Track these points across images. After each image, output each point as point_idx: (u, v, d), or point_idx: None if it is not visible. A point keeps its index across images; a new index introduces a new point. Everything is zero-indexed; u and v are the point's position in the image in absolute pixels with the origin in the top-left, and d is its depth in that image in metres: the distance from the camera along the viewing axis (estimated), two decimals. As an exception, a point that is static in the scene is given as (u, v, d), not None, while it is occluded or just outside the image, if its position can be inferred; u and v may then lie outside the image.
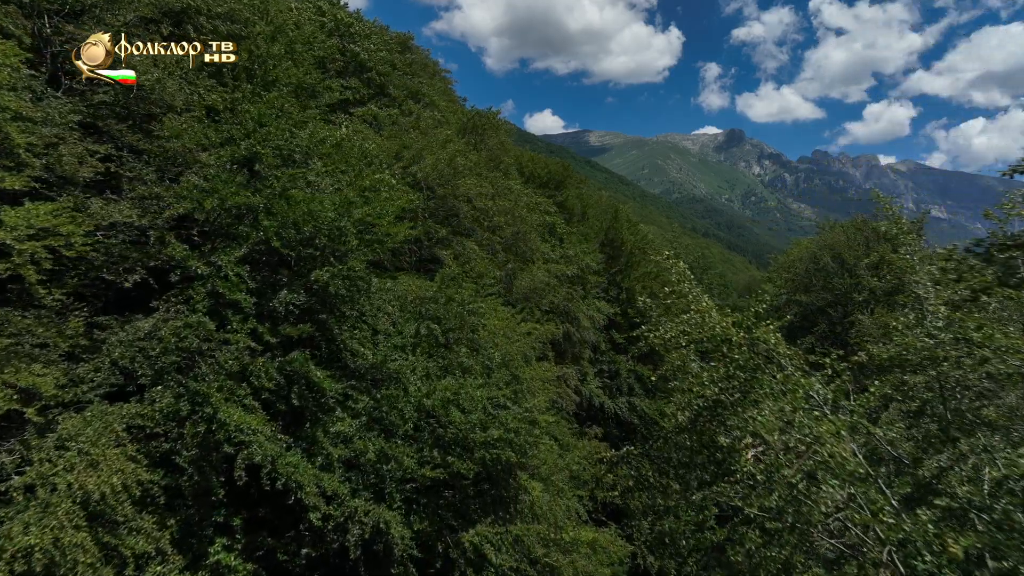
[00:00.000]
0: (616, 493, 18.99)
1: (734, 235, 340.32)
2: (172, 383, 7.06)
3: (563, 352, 23.89)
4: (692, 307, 5.57)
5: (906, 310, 6.92)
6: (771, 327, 5.10)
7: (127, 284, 7.98)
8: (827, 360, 5.60)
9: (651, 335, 6.08)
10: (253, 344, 7.69)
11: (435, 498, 10.77)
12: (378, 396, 9.53)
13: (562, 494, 13.68)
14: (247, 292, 8.86)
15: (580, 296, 25.66)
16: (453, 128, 21.68)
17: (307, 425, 8.74)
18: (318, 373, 8.45)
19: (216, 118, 10.77)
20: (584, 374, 25.10)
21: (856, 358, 6.28)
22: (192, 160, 9.86)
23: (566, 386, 19.67)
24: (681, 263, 6.20)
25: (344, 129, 15.95)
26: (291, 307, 8.81)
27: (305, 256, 9.78)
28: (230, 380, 7.37)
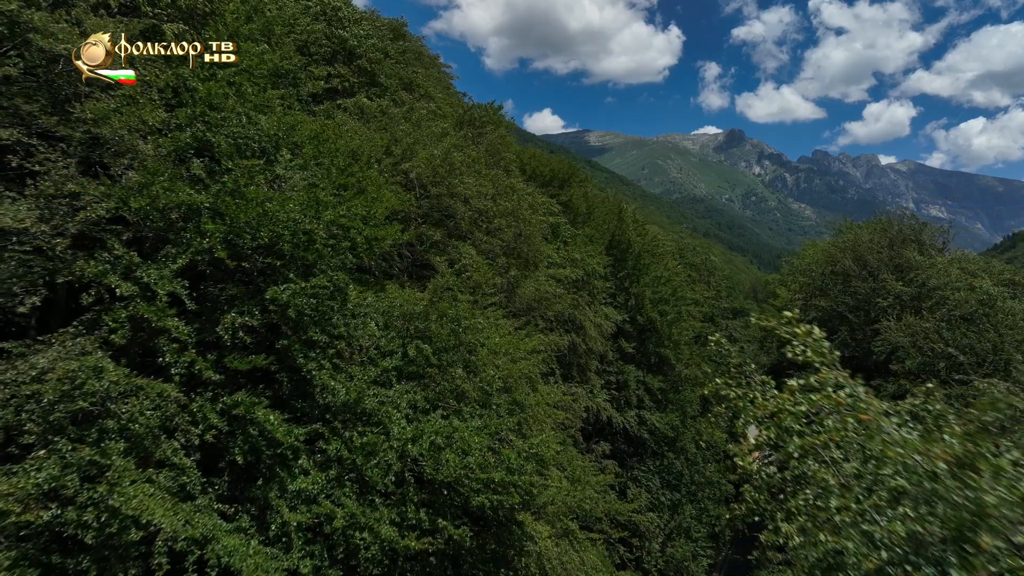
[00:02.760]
0: (628, 533, 17.20)
1: (735, 235, 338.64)
2: (61, 445, 5.26)
3: (569, 364, 22.12)
4: (836, 398, 3.43)
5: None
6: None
7: (21, 309, 6.18)
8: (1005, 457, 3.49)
9: (732, 398, 4.07)
10: (178, 395, 5.89)
11: (424, 554, 8.99)
12: (352, 441, 7.74)
13: (573, 538, 11.89)
14: (186, 315, 7.09)
15: (586, 302, 23.87)
16: (450, 121, 19.89)
17: (259, 481, 6.94)
18: (271, 418, 6.65)
19: (160, 99, 8.97)
20: (591, 387, 23.32)
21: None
22: (126, 149, 8.06)
23: (574, 403, 17.86)
24: (816, 330, 3.95)
25: (322, 119, 14.18)
26: (241, 333, 7.02)
27: (263, 267, 8.00)
28: (149, 435, 5.58)
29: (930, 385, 4.48)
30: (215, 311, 7.50)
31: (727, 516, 4.41)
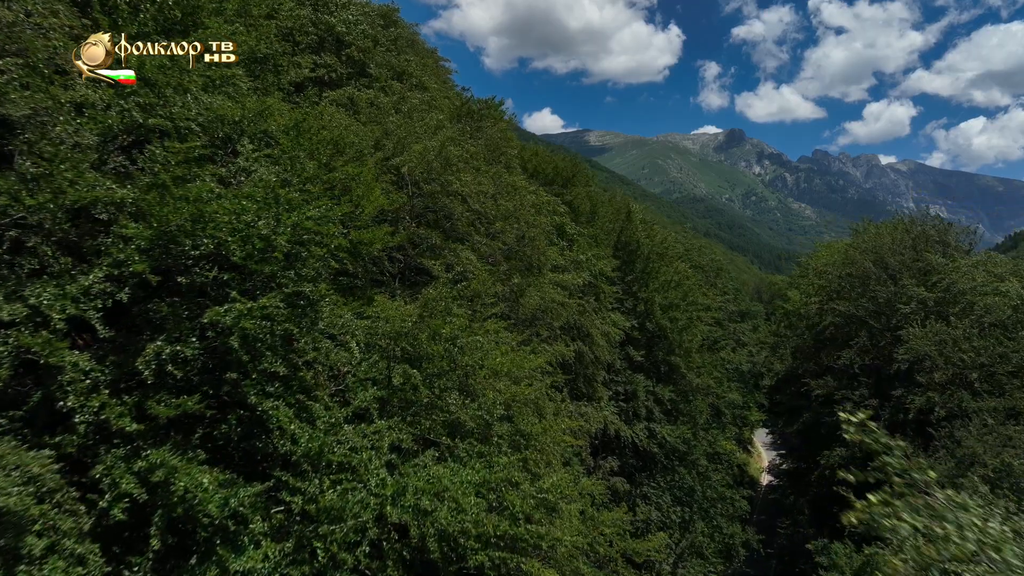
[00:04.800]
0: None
1: (735, 235, 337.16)
2: None
3: (575, 376, 20.57)
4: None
5: None
6: None
7: None
8: None
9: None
10: (50, 467, 4.32)
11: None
12: (321, 494, 6.19)
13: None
14: (100, 344, 5.53)
15: (593, 309, 22.30)
16: (446, 114, 18.31)
17: (193, 560, 5.38)
18: (204, 480, 5.09)
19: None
20: (599, 400, 21.77)
21: None
22: (40, 136, 6.51)
23: (586, 424, 16.29)
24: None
25: (304, 108, 12.64)
26: (170, 367, 5.45)
27: (210, 282, 6.44)
28: (14, 523, 4.03)
29: None
30: (147, 338, 5.95)
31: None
